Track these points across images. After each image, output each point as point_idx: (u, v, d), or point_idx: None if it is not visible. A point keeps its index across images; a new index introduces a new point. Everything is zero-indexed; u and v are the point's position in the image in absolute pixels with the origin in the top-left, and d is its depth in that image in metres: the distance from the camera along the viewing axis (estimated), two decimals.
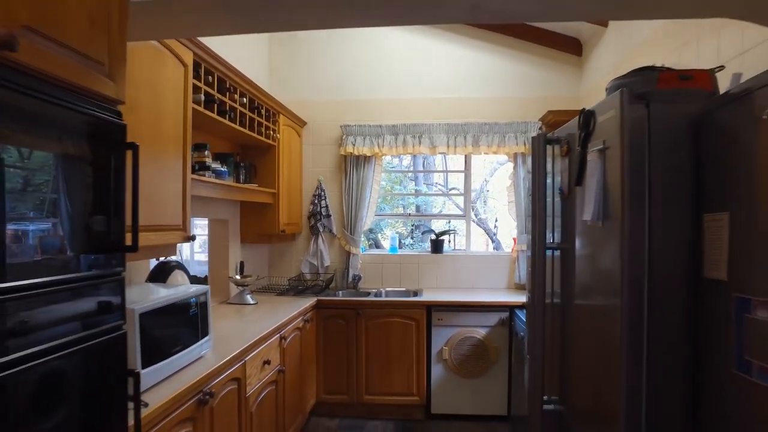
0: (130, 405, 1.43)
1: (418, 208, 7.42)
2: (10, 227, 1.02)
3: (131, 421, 1.44)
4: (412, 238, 7.42)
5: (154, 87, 2.03)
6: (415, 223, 6.92)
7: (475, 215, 6.72)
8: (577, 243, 1.53)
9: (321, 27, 1.66)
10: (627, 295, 1.18)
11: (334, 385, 3.79)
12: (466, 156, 4.40)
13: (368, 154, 4.26)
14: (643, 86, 1.68)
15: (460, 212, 4.60)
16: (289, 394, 3.08)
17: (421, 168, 6.65)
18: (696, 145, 1.15)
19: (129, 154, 1.38)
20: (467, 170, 4.46)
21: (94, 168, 1.27)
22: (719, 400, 1.08)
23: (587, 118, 1.41)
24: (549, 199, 1.78)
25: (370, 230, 5.07)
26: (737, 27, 2.00)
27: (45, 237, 1.14)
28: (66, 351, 1.15)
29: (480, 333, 3.68)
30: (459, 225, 5.23)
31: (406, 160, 7.27)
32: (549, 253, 1.81)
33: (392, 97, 4.36)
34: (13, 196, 1.03)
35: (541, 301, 1.70)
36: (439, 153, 4.23)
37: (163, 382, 1.82)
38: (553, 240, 1.74)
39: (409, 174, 7.11)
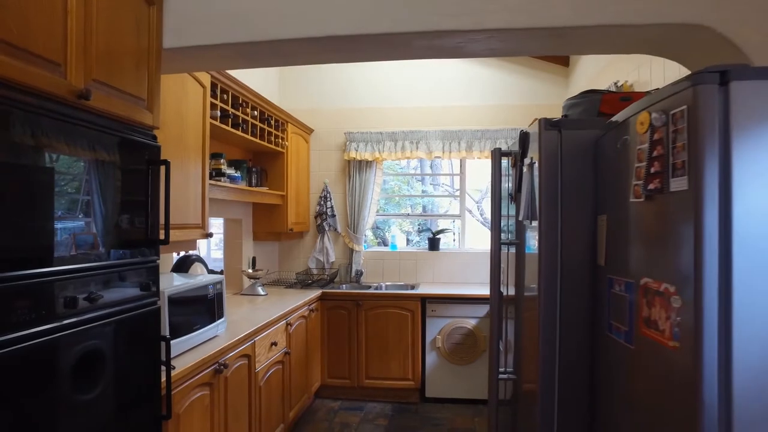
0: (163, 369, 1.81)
1: (425, 208, 7.78)
2: (81, 222, 1.40)
3: (163, 379, 1.82)
4: (419, 235, 7.78)
5: (178, 107, 2.42)
6: (421, 222, 7.28)
7: (480, 214, 7.05)
8: (521, 240, 1.88)
9: (317, 63, 2.04)
10: (544, 282, 1.52)
11: (337, 370, 4.16)
12: (461, 160, 4.74)
13: (369, 159, 4.62)
14: (589, 106, 2.03)
15: (466, 212, 4.94)
16: (294, 375, 3.45)
17: (428, 171, 6.99)
18: (595, 162, 1.49)
19: (162, 167, 1.77)
20: (462, 173, 4.80)
21: (138, 178, 1.66)
22: (601, 358, 1.42)
23: (523, 138, 1.75)
24: (505, 202, 2.14)
25: (378, 228, 5.43)
26: None
27: (91, 232, 1.52)
28: (121, 316, 1.54)
29: (470, 323, 4.02)
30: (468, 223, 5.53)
31: (414, 162, 7.63)
32: (510, 249, 2.16)
33: (392, 105, 4.72)
34: (83, 198, 1.41)
35: (497, 290, 2.05)
36: (435, 158, 4.57)
37: (186, 353, 2.20)
38: (508, 238, 2.09)
39: (417, 176, 7.46)
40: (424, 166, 7.62)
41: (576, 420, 1.55)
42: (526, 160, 1.72)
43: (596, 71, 3.69)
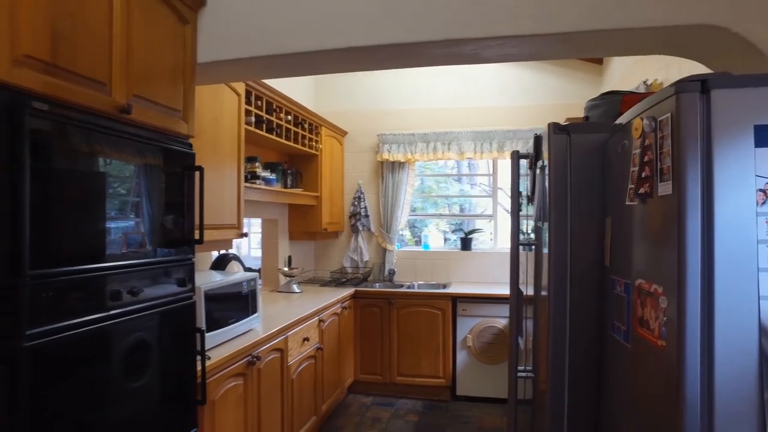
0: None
1: (462, 207, 7.80)
2: (129, 222, 1.56)
3: (198, 367, 1.97)
4: (453, 234, 7.83)
5: (214, 115, 2.59)
6: (458, 222, 7.32)
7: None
8: (538, 241, 1.92)
9: (340, 72, 2.16)
10: (553, 282, 1.56)
11: (369, 366, 4.27)
12: (493, 160, 4.75)
13: (402, 160, 4.71)
14: (609, 108, 2.04)
15: (498, 212, 4.93)
16: (327, 370, 3.58)
17: (465, 170, 7.02)
18: (603, 165, 1.51)
19: (197, 172, 1.92)
20: (494, 173, 4.82)
21: (174, 183, 1.81)
22: (606, 357, 1.45)
23: (537, 142, 1.79)
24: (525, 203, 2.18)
25: (415, 227, 5.52)
26: None
27: (139, 231, 1.68)
28: (161, 309, 1.70)
29: (501, 323, 4.04)
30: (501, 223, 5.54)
31: (452, 162, 7.68)
32: (529, 249, 2.20)
33: (424, 107, 4.79)
34: (132, 200, 1.57)
35: (516, 289, 2.09)
36: (467, 158, 4.61)
37: (221, 345, 2.36)
38: (527, 238, 2.13)
39: (452, 176, 7.50)
40: (461, 165, 7.65)
41: (585, 419, 1.59)
42: (539, 163, 1.77)
43: (627, 69, 3.64)
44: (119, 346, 1.53)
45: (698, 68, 2.42)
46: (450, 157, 4.63)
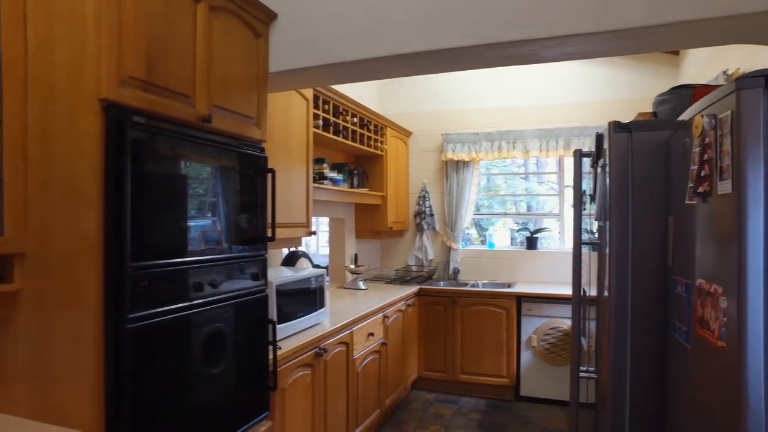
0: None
1: (529, 206, 7.65)
2: (208, 221, 1.73)
3: (270, 356, 2.12)
4: (518, 233, 7.69)
5: (284, 120, 2.75)
6: (524, 221, 7.19)
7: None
8: (601, 240, 1.89)
9: (398, 76, 2.23)
10: (614, 282, 1.55)
11: (433, 364, 4.32)
12: (559, 158, 4.64)
13: (466, 159, 4.72)
14: (678, 102, 1.98)
15: (565, 210, 4.82)
16: (391, 365, 3.68)
17: (532, 169, 6.88)
18: (667, 162, 1.48)
19: (269, 174, 2.07)
20: (560, 171, 4.70)
21: (248, 185, 1.97)
22: (668, 359, 1.42)
23: (599, 140, 1.77)
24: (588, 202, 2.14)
25: (481, 227, 5.50)
26: None
27: (216, 229, 1.85)
28: (237, 300, 1.86)
29: (567, 324, 3.95)
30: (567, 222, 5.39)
31: (520, 160, 7.56)
32: (592, 249, 2.17)
33: (488, 106, 4.77)
34: (210, 200, 1.74)
35: (578, 288, 2.07)
36: (532, 157, 4.54)
37: (290, 337, 2.51)
38: (590, 238, 2.10)
39: (519, 174, 7.37)
40: (528, 163, 7.49)
41: (647, 423, 1.56)
42: (601, 162, 1.75)
43: (706, 60, 3.43)
44: (201, 334, 1.69)
45: None
46: (514, 156, 4.58)
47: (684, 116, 1.32)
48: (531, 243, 4.72)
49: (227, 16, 1.82)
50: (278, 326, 2.37)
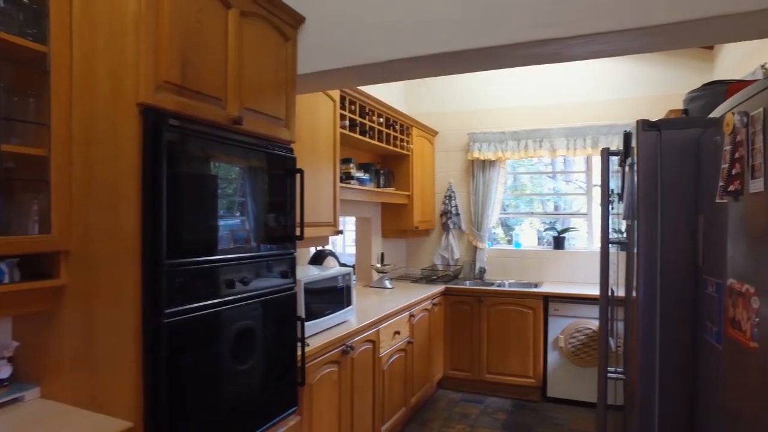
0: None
1: (556, 206, 7.55)
2: (237, 219, 1.79)
3: (299, 353, 2.17)
4: (544, 233, 7.61)
5: (311, 121, 2.80)
6: (552, 221, 7.11)
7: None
8: (629, 240, 1.87)
9: (422, 77, 2.25)
10: (642, 281, 1.53)
11: (459, 363, 4.32)
12: (587, 157, 4.58)
13: (493, 159, 4.69)
14: (711, 99, 1.94)
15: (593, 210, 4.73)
16: (417, 364, 3.70)
17: (560, 168, 6.79)
18: (698, 161, 1.46)
19: (297, 174, 2.12)
20: (588, 170, 4.63)
21: (277, 184, 2.02)
22: (699, 360, 1.40)
23: (626, 139, 1.75)
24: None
25: (508, 226, 5.47)
26: None
27: (245, 228, 1.90)
28: (266, 297, 1.91)
29: (595, 324, 3.89)
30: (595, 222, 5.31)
31: (547, 159, 7.46)
32: (620, 249, 2.14)
33: (514, 105, 4.73)
34: (239, 200, 1.80)
35: (606, 288, 2.05)
36: (559, 156, 4.48)
37: (318, 335, 2.56)
38: (618, 237, 2.08)
39: (545, 173, 7.29)
40: (556, 162, 7.39)
41: (677, 427, 1.54)
42: (629, 161, 1.73)
43: (743, 54, 3.33)
44: (233, 329, 1.75)
45: None
46: (541, 155, 4.53)
47: (715, 113, 1.31)
48: (558, 242, 4.67)
49: (257, 21, 1.88)
50: (306, 323, 2.42)
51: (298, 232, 2.14)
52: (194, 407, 1.57)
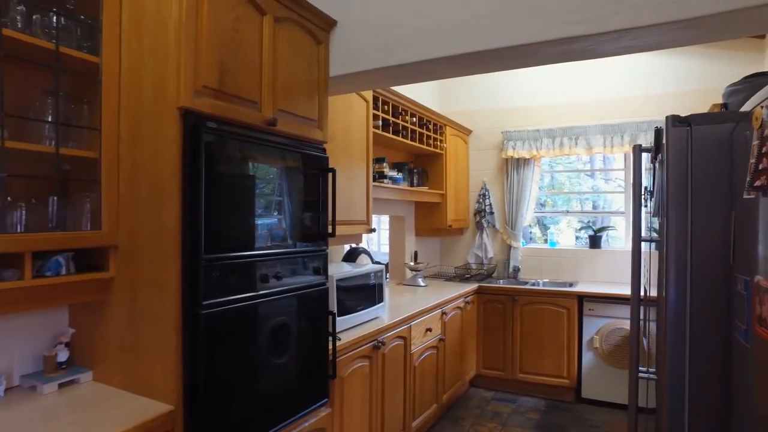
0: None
1: (595, 204, 7.39)
2: (273, 218, 1.87)
3: (330, 346, 2.24)
4: (578, 232, 7.46)
5: (345, 121, 2.87)
6: (590, 219, 6.96)
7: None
8: (661, 238, 1.85)
9: (452, 77, 2.27)
10: (672, 279, 1.51)
11: (492, 362, 4.31)
12: (625, 155, 4.47)
13: (527, 157, 4.65)
14: (752, 92, 1.89)
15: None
16: (448, 361, 3.72)
17: (598, 165, 6.64)
18: (731, 156, 1.43)
19: (330, 174, 2.19)
20: (626, 168, 4.53)
21: (310, 183, 2.09)
22: (730, 359, 1.37)
23: (657, 135, 1.73)
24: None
25: (545, 225, 5.40)
26: None
27: (281, 227, 1.98)
28: (300, 292, 1.99)
29: None
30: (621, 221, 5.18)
31: (585, 157, 7.31)
32: (652, 247, 2.11)
33: (549, 102, 4.67)
34: (276, 199, 1.88)
35: (637, 286, 2.03)
36: (596, 153, 4.40)
37: (350, 330, 2.62)
38: (650, 235, 2.05)
39: (583, 171, 7.14)
40: (594, 160, 7.22)
41: (708, 429, 1.51)
42: (659, 157, 1.71)
43: None
44: (267, 322, 1.83)
45: None
46: (577, 153, 4.46)
47: (746, 107, 1.29)
48: (594, 241, 4.58)
49: (291, 25, 1.96)
50: (338, 318, 2.49)
51: (330, 230, 2.21)
52: (229, 395, 1.66)
